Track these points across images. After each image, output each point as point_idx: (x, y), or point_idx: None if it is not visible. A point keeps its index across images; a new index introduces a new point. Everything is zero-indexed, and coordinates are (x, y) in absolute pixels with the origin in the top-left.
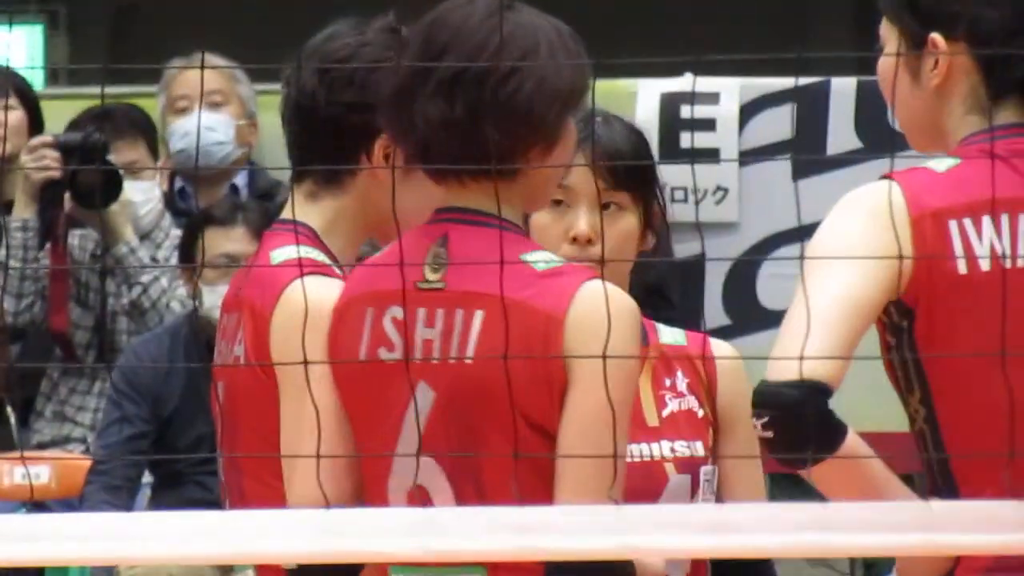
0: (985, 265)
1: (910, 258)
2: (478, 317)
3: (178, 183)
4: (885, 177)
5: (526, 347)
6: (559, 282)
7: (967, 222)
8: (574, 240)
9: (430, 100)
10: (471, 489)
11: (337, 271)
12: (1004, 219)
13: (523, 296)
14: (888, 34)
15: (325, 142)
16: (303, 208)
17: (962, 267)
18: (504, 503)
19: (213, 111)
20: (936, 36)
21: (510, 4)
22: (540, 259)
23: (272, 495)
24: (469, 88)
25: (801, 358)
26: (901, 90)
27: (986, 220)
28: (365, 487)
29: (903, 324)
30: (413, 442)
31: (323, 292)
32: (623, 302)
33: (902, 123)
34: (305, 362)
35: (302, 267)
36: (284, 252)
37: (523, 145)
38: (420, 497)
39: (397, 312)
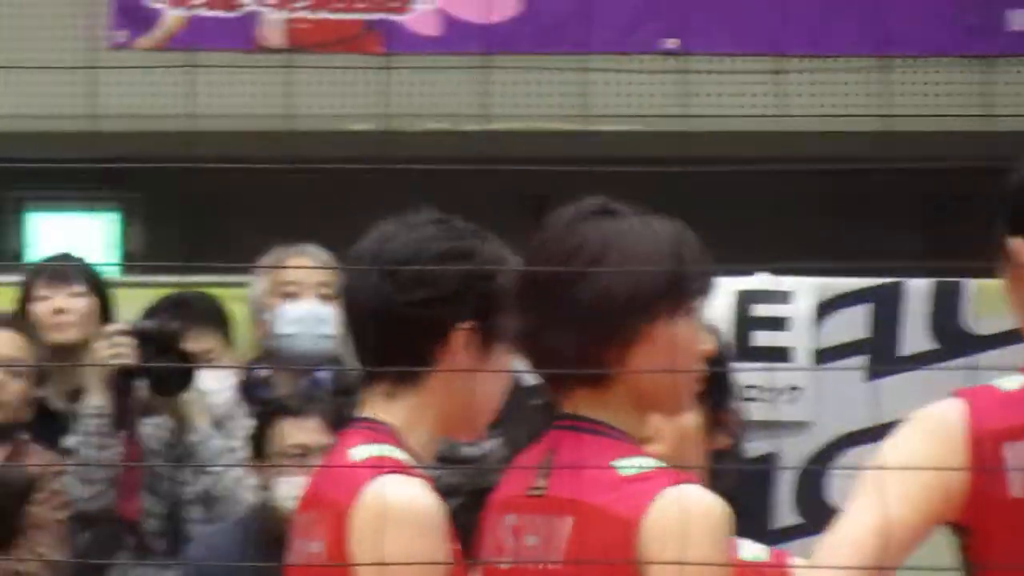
0: None
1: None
2: (567, 524)
3: (263, 368)
4: (956, 394)
5: (604, 555)
6: (642, 487)
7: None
8: None
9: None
10: None
11: (418, 470)
12: None
13: (603, 502)
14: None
15: (401, 342)
16: (381, 406)
17: (1017, 490)
18: None
19: (324, 303)
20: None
21: (605, 210)
22: (630, 464)
23: None
24: (534, 298)
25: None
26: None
27: None
28: None
29: (959, 541)
30: None
31: (406, 492)
32: (709, 505)
33: None
34: (389, 563)
35: (384, 467)
36: (364, 450)
37: (592, 351)
38: None
39: (512, 519)
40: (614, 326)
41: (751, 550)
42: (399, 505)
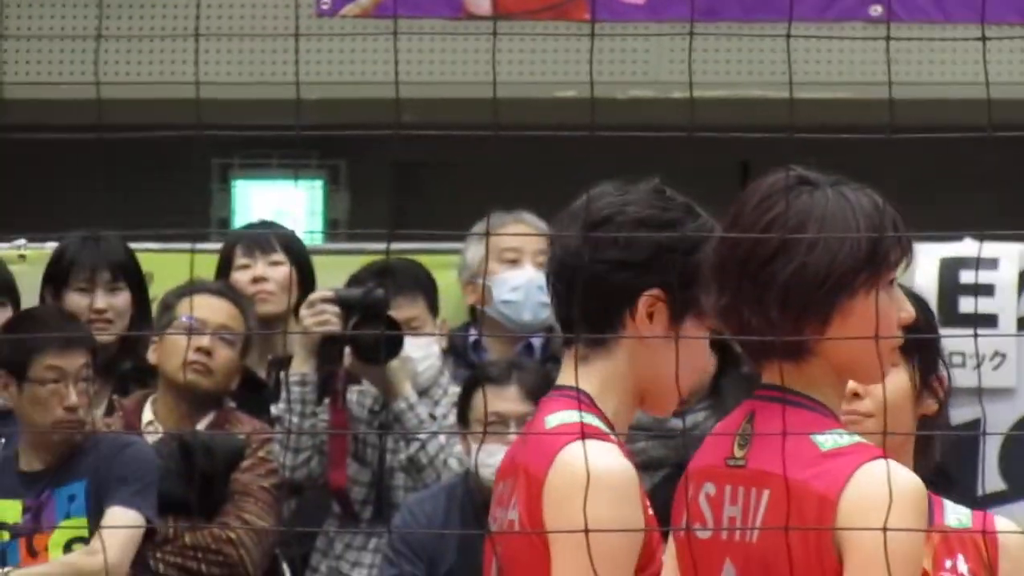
0: None
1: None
2: (765, 497)
3: (473, 335)
4: None
5: (801, 532)
6: (839, 463)
7: None
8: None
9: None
10: None
11: (612, 436)
12: None
13: (803, 477)
14: None
15: (589, 302)
16: (579, 372)
17: None
18: None
19: (540, 271)
20: None
21: (802, 181)
22: (829, 439)
23: None
24: (732, 273)
25: None
26: None
27: None
28: None
29: None
30: None
31: (599, 458)
32: (905, 482)
33: None
34: (587, 530)
35: (584, 433)
36: (559, 417)
37: (791, 326)
38: None
39: (710, 488)
40: (812, 302)
41: (955, 513)
42: (591, 471)
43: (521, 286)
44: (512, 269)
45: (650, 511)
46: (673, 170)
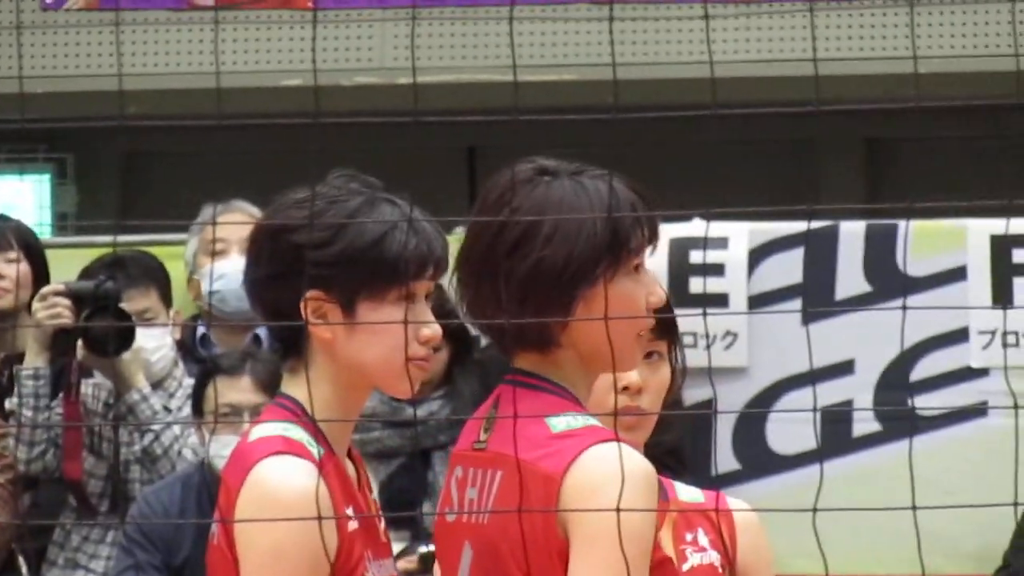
0: None
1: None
2: (498, 478)
3: (200, 330)
4: None
5: (528, 510)
6: (568, 443)
7: None
8: (625, 389)
9: (458, 282)
10: None
11: (312, 451)
12: None
13: (533, 457)
14: None
15: (271, 330)
16: (291, 381)
17: None
18: None
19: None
20: None
21: (540, 172)
22: (561, 421)
23: None
24: (474, 269)
25: None
26: None
27: None
28: None
29: None
30: None
31: (284, 476)
32: (634, 463)
33: None
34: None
35: (270, 447)
36: (264, 428)
37: (534, 318)
38: None
39: (459, 472)
40: (552, 295)
41: (688, 493)
42: (273, 488)
43: (224, 275)
44: (219, 260)
45: (350, 527)
46: (401, 156)
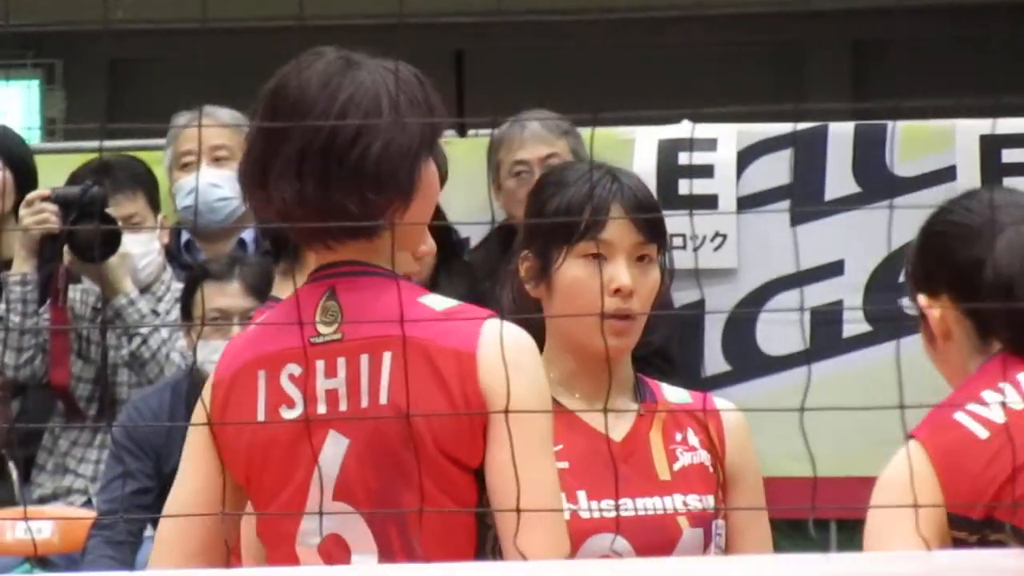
0: None
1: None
2: (387, 360)
3: (185, 236)
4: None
5: (440, 385)
6: (462, 320)
7: None
8: (616, 292)
9: (281, 179)
10: (395, 530)
11: None
12: None
13: (430, 335)
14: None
15: None
16: (283, 284)
17: None
18: (430, 544)
19: (218, 167)
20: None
21: (350, 60)
22: (437, 300)
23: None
24: (315, 161)
25: None
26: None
27: None
28: (269, 554)
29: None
30: (326, 492)
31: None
32: (524, 337)
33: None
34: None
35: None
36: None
37: (379, 207)
38: (337, 547)
39: (294, 369)
40: (400, 175)
41: (675, 394)
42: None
43: (192, 190)
44: (188, 173)
45: None
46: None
